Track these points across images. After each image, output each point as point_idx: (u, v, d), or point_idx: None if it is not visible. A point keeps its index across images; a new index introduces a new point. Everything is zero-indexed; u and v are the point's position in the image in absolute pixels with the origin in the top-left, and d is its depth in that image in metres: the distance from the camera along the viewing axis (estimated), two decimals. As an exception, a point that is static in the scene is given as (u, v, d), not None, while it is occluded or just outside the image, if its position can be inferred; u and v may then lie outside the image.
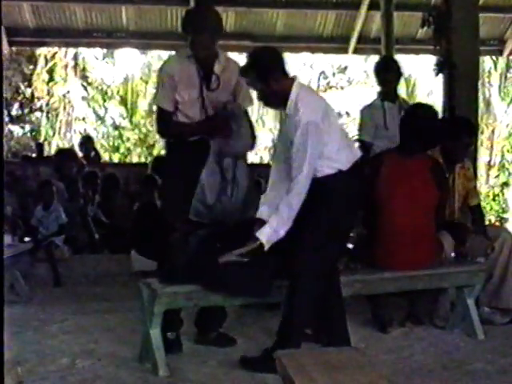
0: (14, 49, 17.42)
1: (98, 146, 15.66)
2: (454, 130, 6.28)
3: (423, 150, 5.84)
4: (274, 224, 4.79)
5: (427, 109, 6.07)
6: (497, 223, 16.72)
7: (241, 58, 5.81)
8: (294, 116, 4.84)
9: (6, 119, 18.36)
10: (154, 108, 6.39)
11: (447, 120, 7.66)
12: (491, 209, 17.88)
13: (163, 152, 7.08)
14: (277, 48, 5.38)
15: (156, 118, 5.75)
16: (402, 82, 19.72)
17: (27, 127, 20.82)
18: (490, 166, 20.65)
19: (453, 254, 6.22)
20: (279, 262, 4.92)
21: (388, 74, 7.42)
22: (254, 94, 5.23)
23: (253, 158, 18.91)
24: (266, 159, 19.92)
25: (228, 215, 5.26)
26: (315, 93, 5.16)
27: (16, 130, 20.33)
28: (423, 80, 19.93)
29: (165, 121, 5.49)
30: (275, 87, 4.90)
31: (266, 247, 4.79)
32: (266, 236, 4.78)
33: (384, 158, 5.94)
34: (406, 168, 5.74)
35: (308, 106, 4.84)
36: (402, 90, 18.61)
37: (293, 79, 4.96)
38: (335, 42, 14.49)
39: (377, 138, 7.28)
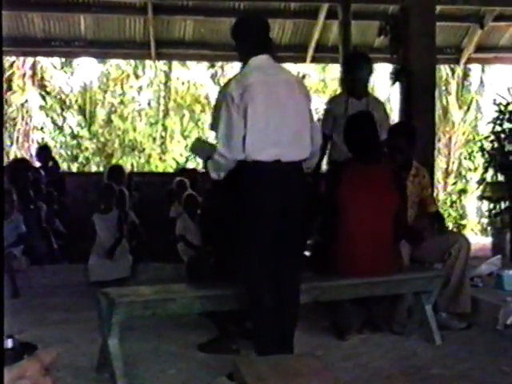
0: (-30, 58, 17.25)
1: (56, 156, 15.53)
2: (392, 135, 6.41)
3: (379, 159, 5.91)
4: None
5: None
6: (454, 229, 16.90)
7: (200, 67, 5.77)
8: None
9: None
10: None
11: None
12: (449, 215, 18.05)
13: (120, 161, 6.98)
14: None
15: None
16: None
17: (-16, 137, 20.60)
18: (447, 173, 20.85)
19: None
20: None
21: (358, 72, 7.10)
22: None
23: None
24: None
25: None
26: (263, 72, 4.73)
27: (-28, 140, 20.10)
28: (380, 88, 20.03)
29: None
30: None
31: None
32: None
33: (345, 165, 5.95)
34: (367, 174, 5.78)
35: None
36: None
37: None
38: (293, 51, 14.42)
39: (336, 129, 6.92)
